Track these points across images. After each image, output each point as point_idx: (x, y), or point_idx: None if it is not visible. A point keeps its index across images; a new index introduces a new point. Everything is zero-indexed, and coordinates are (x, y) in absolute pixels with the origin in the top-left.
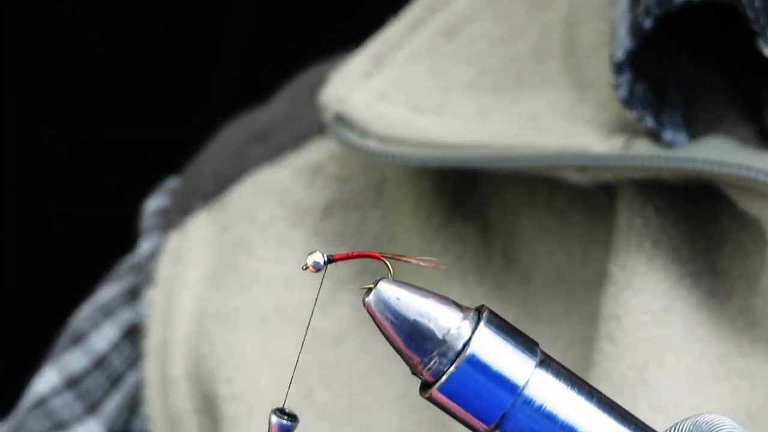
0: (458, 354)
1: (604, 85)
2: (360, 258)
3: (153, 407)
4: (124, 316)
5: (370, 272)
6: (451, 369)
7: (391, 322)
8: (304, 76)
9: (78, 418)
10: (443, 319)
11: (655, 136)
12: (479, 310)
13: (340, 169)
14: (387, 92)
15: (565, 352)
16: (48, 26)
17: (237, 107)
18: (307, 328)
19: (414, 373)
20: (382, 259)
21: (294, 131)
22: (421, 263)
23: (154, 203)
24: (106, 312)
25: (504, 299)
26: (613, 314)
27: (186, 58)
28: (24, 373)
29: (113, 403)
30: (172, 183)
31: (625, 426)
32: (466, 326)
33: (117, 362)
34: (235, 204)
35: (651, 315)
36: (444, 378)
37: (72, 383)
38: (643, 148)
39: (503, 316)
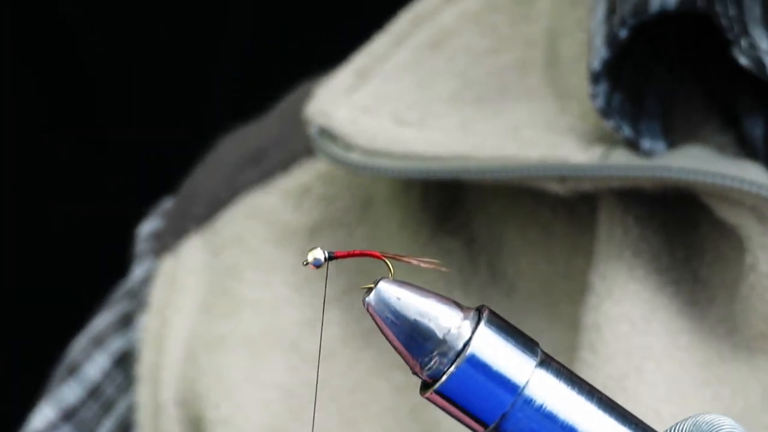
0: (458, 354)
1: (585, 95)
2: (360, 256)
3: (143, 431)
4: (116, 344)
5: (358, 288)
6: (452, 369)
7: (392, 322)
8: (296, 93)
9: None
10: (444, 319)
11: (633, 146)
12: (479, 310)
13: (327, 188)
14: (371, 106)
15: None
16: (48, 26)
17: (237, 107)
18: (320, 333)
19: (414, 373)
20: (383, 258)
21: (284, 153)
22: (422, 264)
23: (147, 227)
24: (98, 342)
25: None
26: (593, 324)
27: (186, 58)
28: (24, 372)
29: (104, 430)
30: (166, 205)
31: (625, 426)
32: (466, 326)
33: (110, 390)
34: (226, 228)
35: (631, 324)
36: (444, 378)
37: (68, 416)
38: (621, 158)
39: None
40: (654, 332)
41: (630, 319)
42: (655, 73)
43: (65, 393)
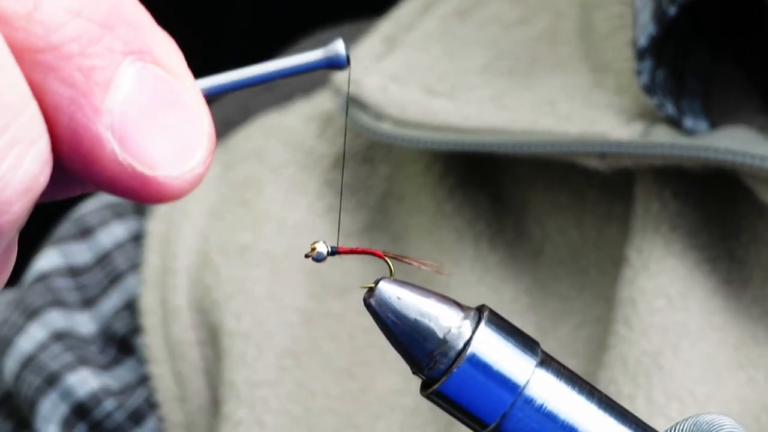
0: (459, 353)
1: (621, 69)
2: (363, 254)
3: (151, 336)
4: (133, 224)
5: (378, 225)
6: (452, 368)
7: (392, 322)
8: (310, 38)
9: (75, 306)
10: (444, 319)
11: (675, 124)
12: (480, 310)
13: (352, 120)
14: (400, 75)
15: (576, 331)
16: None
17: None
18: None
19: (414, 372)
20: (384, 258)
21: (303, 81)
22: (423, 266)
23: None
24: (118, 213)
25: (516, 269)
26: (628, 298)
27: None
28: None
29: (110, 303)
30: None
31: (625, 426)
32: (466, 326)
33: (119, 260)
34: (241, 144)
35: (667, 300)
36: (444, 377)
37: (74, 273)
38: (663, 135)
39: (515, 285)
40: (689, 309)
41: (666, 295)
42: (694, 51)
43: (74, 251)
